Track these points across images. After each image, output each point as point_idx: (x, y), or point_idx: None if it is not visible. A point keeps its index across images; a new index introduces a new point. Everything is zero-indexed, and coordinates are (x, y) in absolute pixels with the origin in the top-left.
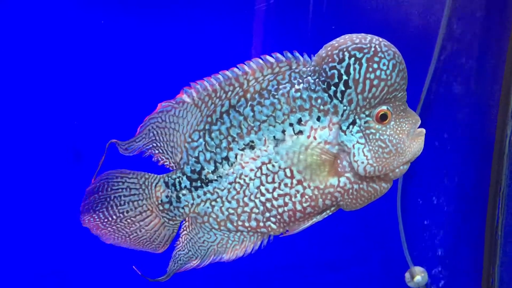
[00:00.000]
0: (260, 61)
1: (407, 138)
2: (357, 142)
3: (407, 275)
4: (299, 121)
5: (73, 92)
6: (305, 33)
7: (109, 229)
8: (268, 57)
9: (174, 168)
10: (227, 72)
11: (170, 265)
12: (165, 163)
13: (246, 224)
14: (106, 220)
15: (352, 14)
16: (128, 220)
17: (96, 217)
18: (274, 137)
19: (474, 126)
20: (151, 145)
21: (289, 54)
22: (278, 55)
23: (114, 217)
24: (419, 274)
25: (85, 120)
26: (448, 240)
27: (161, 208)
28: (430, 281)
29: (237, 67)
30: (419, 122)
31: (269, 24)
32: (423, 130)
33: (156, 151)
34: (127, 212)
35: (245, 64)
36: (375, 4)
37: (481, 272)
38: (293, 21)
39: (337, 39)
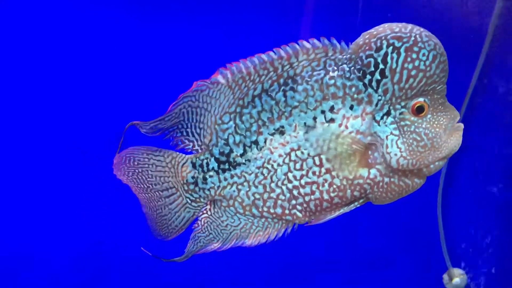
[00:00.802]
0: (297, 46)
1: (444, 133)
2: (391, 133)
3: (445, 276)
4: (331, 109)
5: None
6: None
7: (141, 195)
8: (304, 43)
9: (198, 151)
10: (263, 56)
11: (189, 246)
12: (187, 147)
13: (272, 210)
14: (139, 185)
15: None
16: (156, 193)
17: (130, 180)
18: (304, 123)
19: None
20: (177, 126)
21: (326, 41)
22: (315, 41)
23: (145, 185)
24: (457, 276)
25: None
26: (492, 242)
27: (186, 188)
28: (469, 284)
29: (273, 51)
30: (458, 117)
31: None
32: (461, 125)
33: (179, 134)
34: (155, 185)
35: (281, 48)
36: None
37: None
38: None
39: (377, 27)
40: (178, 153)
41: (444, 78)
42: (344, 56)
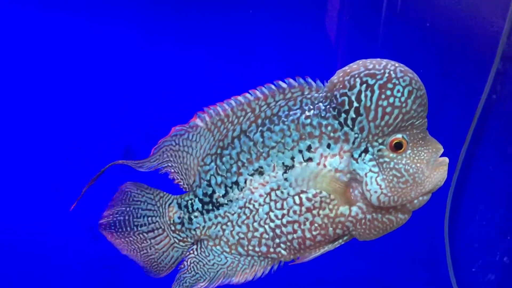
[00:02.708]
0: (273, 86)
1: (426, 168)
2: (370, 170)
3: None
4: (309, 148)
5: (121, 91)
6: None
7: (122, 240)
8: (280, 83)
9: (188, 189)
10: (240, 98)
11: (174, 287)
12: (180, 183)
13: (257, 249)
14: (121, 230)
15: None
16: (141, 235)
17: (112, 226)
18: (283, 163)
19: None
20: (166, 165)
21: (301, 80)
22: (291, 80)
23: (129, 228)
24: None
25: (133, 118)
26: (499, 265)
27: (172, 228)
28: None
29: (249, 93)
30: (441, 151)
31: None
32: (446, 159)
33: (172, 170)
34: (141, 226)
35: (257, 89)
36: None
37: None
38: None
39: (350, 64)
40: (165, 192)
41: (423, 113)
42: (320, 95)
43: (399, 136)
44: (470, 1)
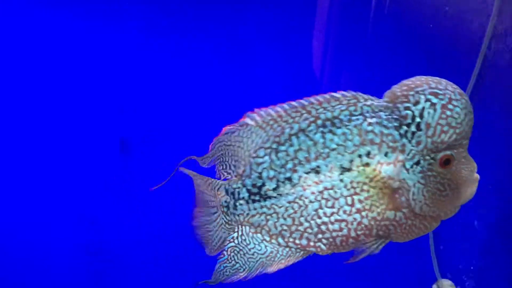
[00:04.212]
0: (326, 95)
1: (464, 184)
2: (418, 182)
3: (434, 287)
4: (368, 154)
5: (119, 83)
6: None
7: (197, 220)
8: (333, 93)
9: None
10: (292, 102)
11: (215, 276)
12: (227, 178)
13: (297, 241)
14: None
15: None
16: (205, 214)
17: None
18: (341, 165)
19: None
20: (219, 160)
21: (351, 91)
22: (343, 91)
23: (199, 208)
24: None
25: (131, 112)
26: (481, 254)
27: (221, 209)
28: None
29: (302, 99)
30: (476, 169)
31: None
32: (478, 176)
33: (221, 167)
34: (207, 205)
35: (310, 97)
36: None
37: None
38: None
39: (412, 79)
40: (213, 179)
41: (470, 134)
42: (380, 103)
43: (449, 153)
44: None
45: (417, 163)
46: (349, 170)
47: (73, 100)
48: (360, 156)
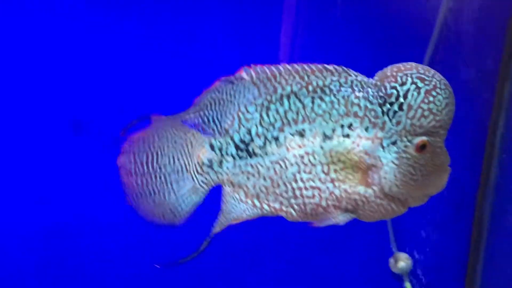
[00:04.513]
0: (319, 65)
1: (434, 173)
2: (392, 161)
3: (391, 260)
4: (350, 126)
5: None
6: None
7: (138, 180)
8: (325, 65)
9: (221, 133)
10: (287, 65)
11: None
12: (211, 132)
13: (271, 204)
14: (141, 167)
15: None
16: (162, 177)
17: (133, 161)
18: (324, 132)
19: (469, 118)
20: (199, 115)
21: (344, 67)
22: (335, 66)
23: (151, 168)
24: (403, 260)
25: (85, 91)
26: (435, 227)
27: (199, 169)
28: (414, 268)
29: (296, 64)
30: (449, 162)
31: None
32: (450, 169)
33: (200, 121)
34: (164, 166)
35: (305, 64)
36: None
37: (467, 263)
38: None
39: (404, 63)
40: (197, 132)
41: (448, 126)
42: (369, 81)
43: (425, 139)
44: None
45: (394, 143)
46: (330, 138)
47: (24, 81)
48: (342, 126)
